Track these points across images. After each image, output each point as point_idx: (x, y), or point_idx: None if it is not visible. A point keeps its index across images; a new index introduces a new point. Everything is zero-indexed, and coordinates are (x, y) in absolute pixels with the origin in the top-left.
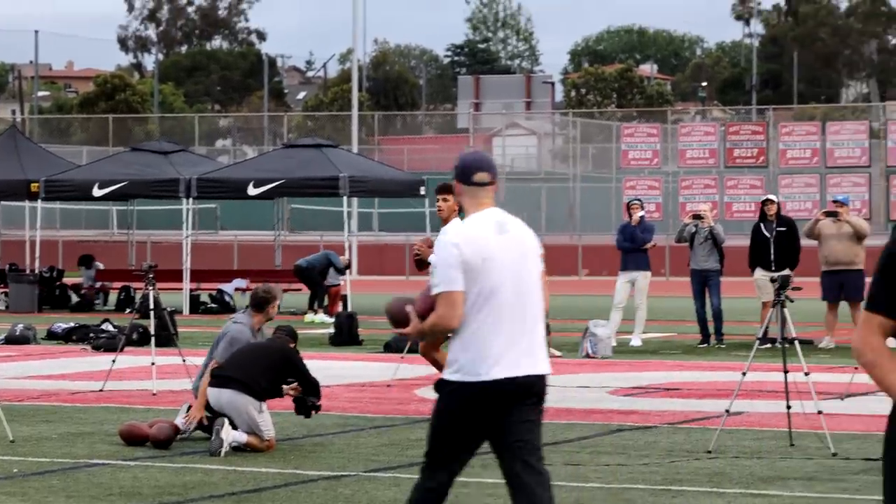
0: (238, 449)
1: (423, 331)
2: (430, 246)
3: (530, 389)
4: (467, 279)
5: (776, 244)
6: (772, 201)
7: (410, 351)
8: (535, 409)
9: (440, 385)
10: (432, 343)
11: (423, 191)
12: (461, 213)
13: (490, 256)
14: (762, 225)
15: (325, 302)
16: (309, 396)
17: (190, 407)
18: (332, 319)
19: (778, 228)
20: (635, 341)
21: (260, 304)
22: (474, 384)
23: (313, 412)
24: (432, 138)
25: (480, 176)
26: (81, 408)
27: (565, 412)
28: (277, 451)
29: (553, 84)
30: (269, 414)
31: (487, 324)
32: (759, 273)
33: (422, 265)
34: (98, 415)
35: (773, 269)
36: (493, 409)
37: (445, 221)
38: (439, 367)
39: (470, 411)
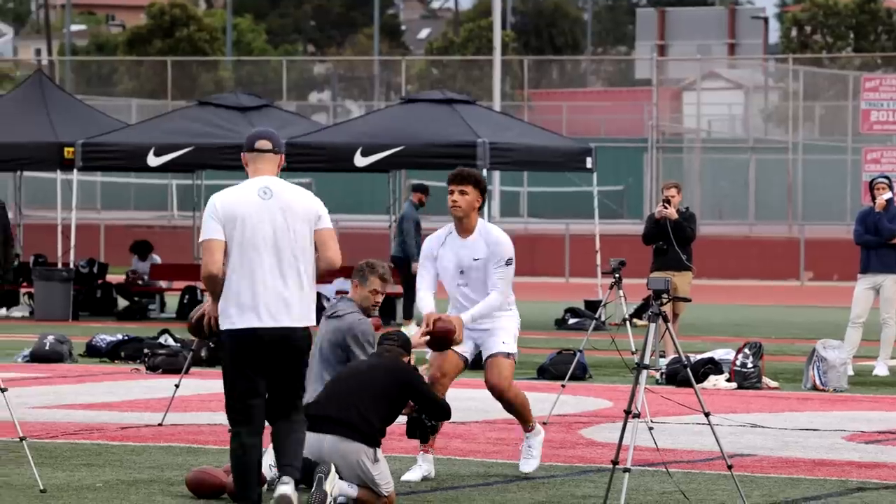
0: None
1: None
2: (446, 327)
3: (280, 340)
4: (226, 235)
5: None
6: None
7: (573, 378)
8: (289, 361)
9: None
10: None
11: (589, 163)
12: (481, 209)
13: (246, 215)
14: None
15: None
16: (426, 417)
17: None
18: None
19: None
20: (881, 369)
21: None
22: (232, 331)
23: (431, 434)
24: (601, 92)
25: (262, 143)
26: (134, 447)
27: (785, 463)
28: None
29: (766, 20)
30: (387, 460)
31: (242, 277)
32: None
33: (446, 345)
34: (157, 457)
35: None
36: (252, 354)
37: (461, 220)
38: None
39: (236, 356)
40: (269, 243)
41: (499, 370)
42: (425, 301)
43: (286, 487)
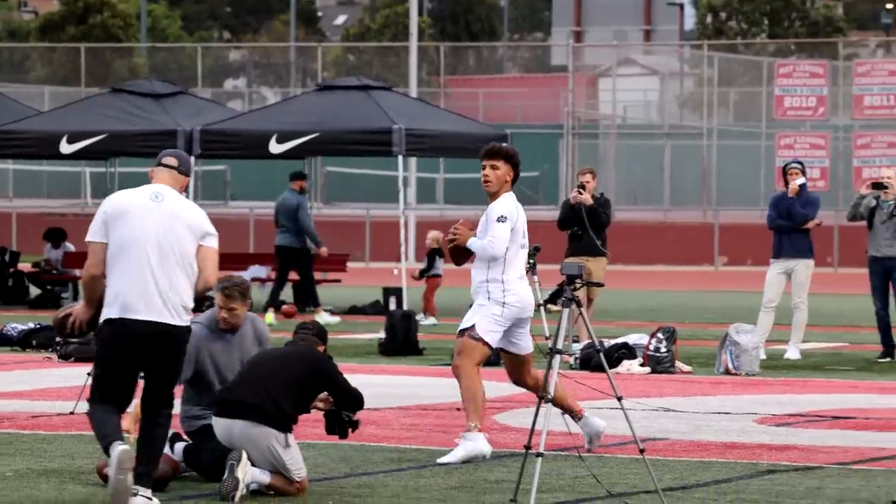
0: (258, 492)
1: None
2: (473, 228)
3: (155, 335)
4: (109, 232)
5: None
6: None
7: (487, 364)
8: (162, 356)
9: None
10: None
11: None
12: (514, 184)
13: (134, 213)
14: None
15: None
16: (343, 410)
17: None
18: (432, 321)
19: None
20: (792, 353)
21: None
22: (110, 321)
23: (350, 430)
24: (517, 78)
25: (168, 159)
26: (45, 436)
27: (697, 446)
28: (310, 496)
29: (682, 6)
30: (299, 446)
31: (122, 271)
32: None
33: (459, 255)
34: (68, 445)
35: None
36: (127, 347)
37: (494, 196)
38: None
39: (111, 345)
40: (152, 241)
41: (457, 348)
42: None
43: (138, 500)
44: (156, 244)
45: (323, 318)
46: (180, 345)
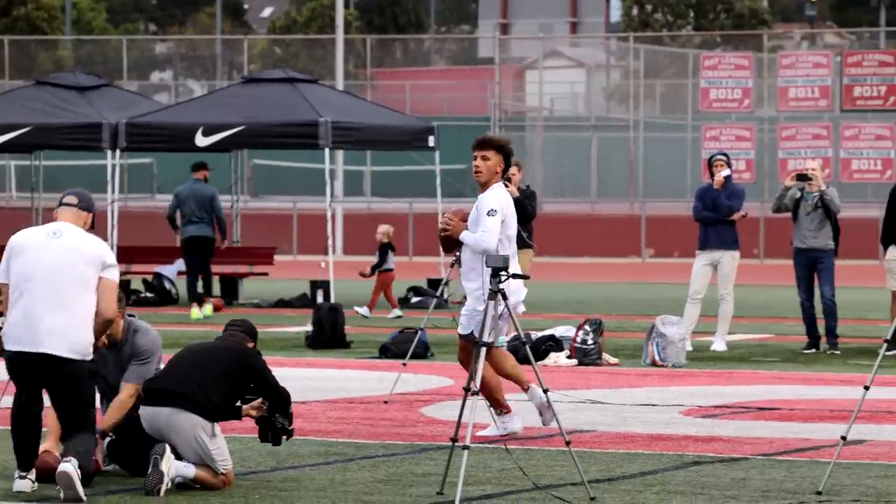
0: (183, 486)
1: None
2: (464, 219)
3: (49, 368)
4: (10, 270)
5: None
6: None
7: (415, 356)
8: (60, 388)
9: None
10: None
11: (432, 142)
12: (505, 174)
13: (28, 250)
14: None
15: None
16: (277, 416)
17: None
18: (396, 313)
19: None
20: (718, 345)
21: None
22: (7, 353)
23: (284, 438)
24: (444, 71)
25: (69, 198)
26: None
27: (624, 438)
28: (236, 489)
29: None
30: (225, 439)
31: (18, 305)
32: (894, 253)
33: (450, 245)
34: None
35: None
36: (25, 376)
37: (484, 186)
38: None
39: (11, 375)
40: (46, 277)
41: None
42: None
43: (66, 465)
44: (50, 279)
45: (197, 312)
46: (71, 377)
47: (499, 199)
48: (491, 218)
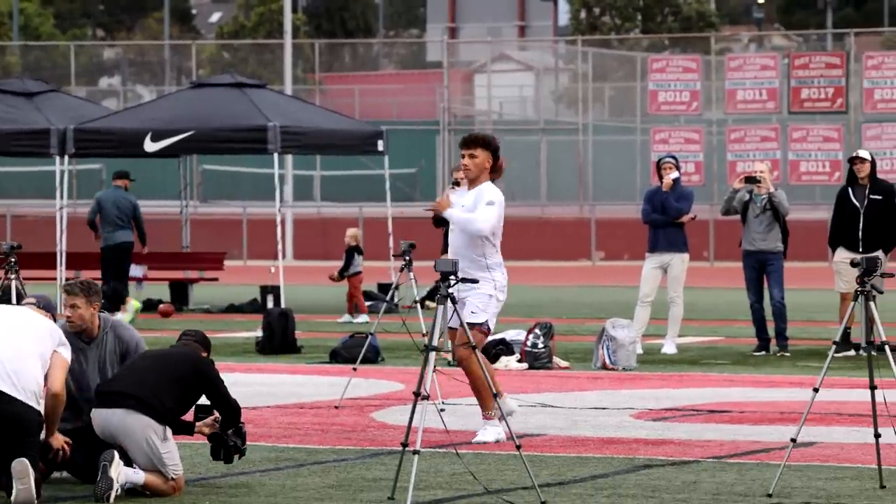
0: (133, 492)
1: None
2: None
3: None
4: None
5: (867, 217)
6: (862, 159)
7: (365, 361)
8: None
9: None
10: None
11: (381, 146)
12: (493, 171)
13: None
14: (850, 190)
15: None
16: (229, 431)
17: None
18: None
19: (871, 196)
20: (668, 347)
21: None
22: None
23: (237, 456)
24: (393, 75)
25: (29, 299)
26: None
27: (574, 442)
28: (186, 495)
29: (556, 2)
30: (176, 445)
31: None
32: (842, 255)
33: (439, 223)
34: None
35: (862, 249)
36: None
37: (473, 182)
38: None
39: None
40: (5, 325)
41: (462, 340)
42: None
43: (23, 459)
44: (13, 327)
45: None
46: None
47: (499, 194)
48: (490, 207)
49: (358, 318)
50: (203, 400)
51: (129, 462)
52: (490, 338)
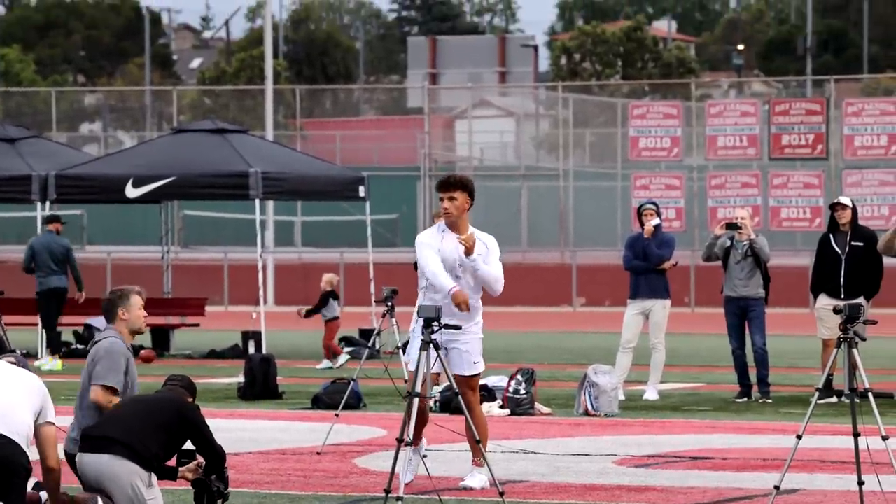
0: None
1: None
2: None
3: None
4: None
5: (849, 264)
6: (844, 206)
7: (348, 407)
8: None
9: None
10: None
11: (362, 191)
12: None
13: None
14: (832, 237)
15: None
16: (213, 478)
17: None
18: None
19: (852, 243)
20: (650, 394)
21: (108, 308)
22: None
23: (220, 501)
24: (374, 121)
25: (9, 357)
26: None
27: (557, 489)
28: None
29: (536, 48)
30: (160, 491)
31: None
32: (824, 301)
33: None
34: None
35: (844, 296)
36: None
37: (455, 225)
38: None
39: None
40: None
41: (470, 386)
42: (448, 281)
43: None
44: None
45: (48, 364)
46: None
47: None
48: (499, 262)
49: (337, 362)
50: (187, 445)
51: None
52: None
